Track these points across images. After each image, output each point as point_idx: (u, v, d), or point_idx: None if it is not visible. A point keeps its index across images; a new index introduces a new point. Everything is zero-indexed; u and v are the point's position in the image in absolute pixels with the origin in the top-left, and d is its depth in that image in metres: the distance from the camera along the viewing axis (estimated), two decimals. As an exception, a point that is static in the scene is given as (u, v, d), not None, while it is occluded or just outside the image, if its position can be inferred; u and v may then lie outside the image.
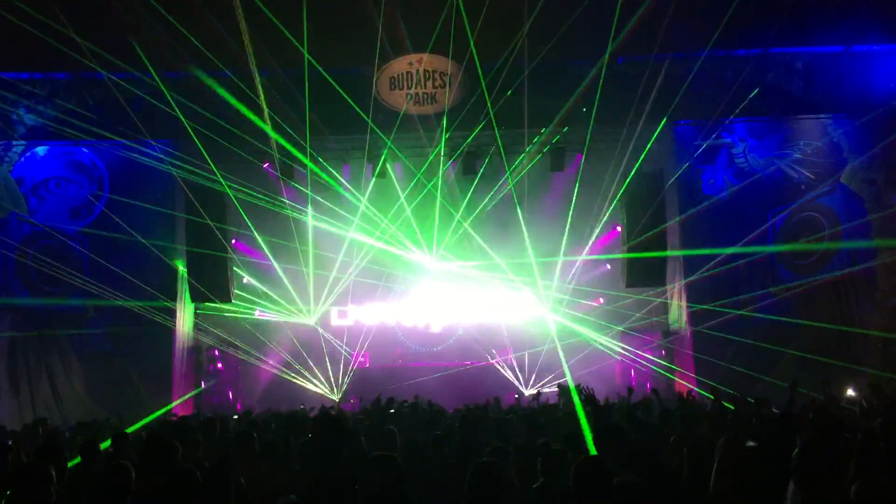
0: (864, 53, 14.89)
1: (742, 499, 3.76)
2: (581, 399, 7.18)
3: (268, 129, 14.27)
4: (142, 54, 12.81)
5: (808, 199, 15.63)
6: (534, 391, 13.88)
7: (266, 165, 16.12)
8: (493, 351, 18.36)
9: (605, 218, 16.75)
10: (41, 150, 16.06)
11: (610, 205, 16.36)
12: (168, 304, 15.80)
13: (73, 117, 14.59)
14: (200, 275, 15.77)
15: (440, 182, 16.62)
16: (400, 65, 14.79)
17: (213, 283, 15.72)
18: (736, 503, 3.71)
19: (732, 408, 8.35)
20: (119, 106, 13.99)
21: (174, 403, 15.45)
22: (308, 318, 17.87)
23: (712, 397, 9.12)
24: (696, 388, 14.29)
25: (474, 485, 3.99)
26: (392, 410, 10.36)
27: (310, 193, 16.10)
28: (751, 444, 4.13)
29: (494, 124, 14.79)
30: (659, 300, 17.15)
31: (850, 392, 11.23)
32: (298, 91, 13.96)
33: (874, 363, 14.16)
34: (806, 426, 6.28)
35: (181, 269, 16.20)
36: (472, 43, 13.27)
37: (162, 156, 15.35)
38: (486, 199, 16.70)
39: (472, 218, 16.85)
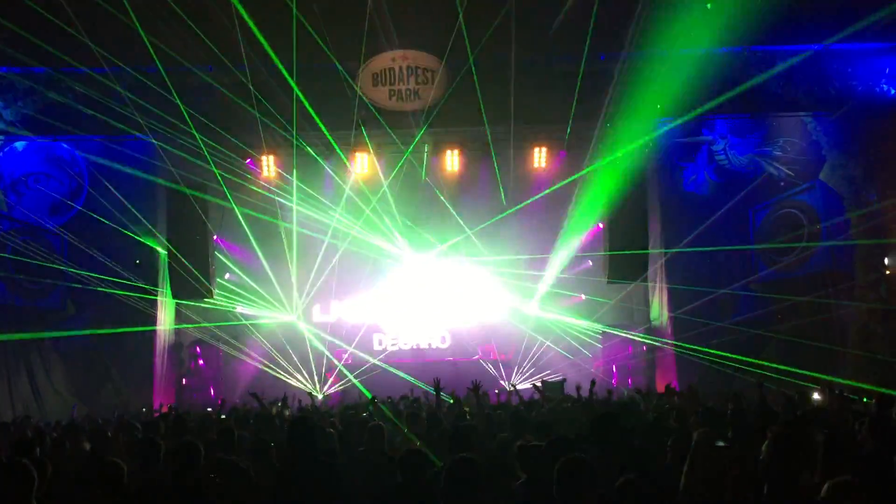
0: (843, 52, 14.99)
1: (712, 497, 3.80)
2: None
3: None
4: (128, 49, 12.78)
5: (788, 196, 15.75)
6: (511, 386, 13.87)
7: (248, 161, 16.04)
8: (477, 346, 18.42)
9: (588, 214, 16.82)
10: (20, 144, 15.89)
11: (592, 201, 16.42)
12: (149, 300, 15.71)
13: (52, 112, 14.46)
14: (181, 271, 15.68)
15: (421, 178, 16.66)
16: (383, 60, 14.75)
17: (193, 279, 15.64)
18: (706, 501, 3.74)
19: None
20: (99, 101, 13.89)
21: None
22: (290, 314, 17.83)
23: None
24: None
25: (451, 479, 3.93)
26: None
27: (286, 183, 16.06)
28: (721, 443, 4.16)
29: (478, 120, 14.80)
30: (641, 296, 17.28)
31: (816, 396, 11.33)
32: (282, 87, 13.92)
33: (853, 359, 14.32)
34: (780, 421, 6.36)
35: (162, 264, 16.11)
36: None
37: (142, 151, 15.27)
38: (467, 196, 16.72)
39: (452, 213, 16.87)
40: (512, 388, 12.77)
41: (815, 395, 11.22)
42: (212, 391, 17.45)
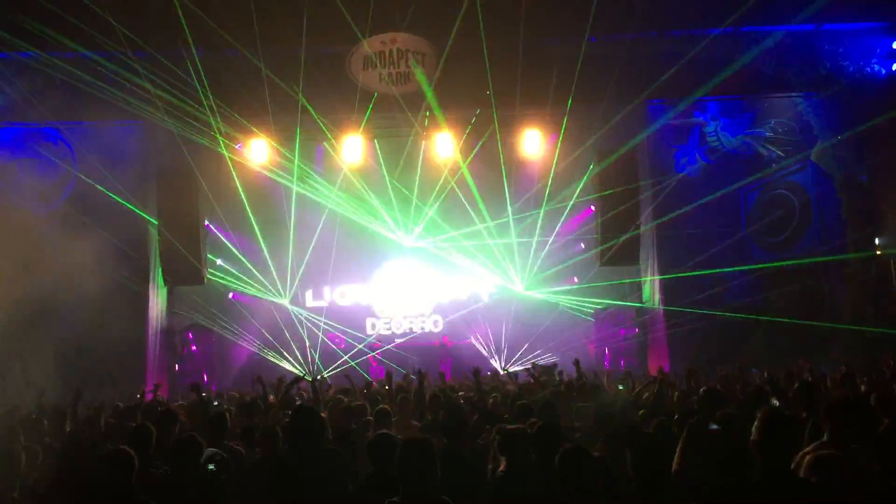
0: (834, 32, 14.97)
1: (703, 480, 3.82)
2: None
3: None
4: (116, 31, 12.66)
5: (779, 177, 15.78)
6: (504, 371, 13.93)
7: (239, 145, 15.95)
8: (469, 330, 18.45)
9: (580, 197, 16.82)
10: (7, 131, 15.74)
11: (584, 184, 16.42)
12: (141, 286, 15.63)
13: (39, 98, 14.31)
14: (173, 257, 15.63)
15: (413, 160, 16.63)
16: (373, 44, 14.66)
17: (185, 265, 15.59)
18: (696, 484, 3.76)
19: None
20: (87, 85, 13.75)
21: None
22: (282, 299, 17.80)
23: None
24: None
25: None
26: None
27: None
28: (714, 427, 4.18)
29: (470, 103, 14.74)
30: (632, 279, 17.30)
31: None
32: (273, 70, 13.83)
33: (843, 338, 14.39)
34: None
35: (153, 250, 16.02)
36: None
37: (132, 136, 15.16)
38: (461, 181, 16.67)
39: (444, 197, 16.84)
40: (505, 373, 12.81)
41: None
42: (205, 377, 17.40)
